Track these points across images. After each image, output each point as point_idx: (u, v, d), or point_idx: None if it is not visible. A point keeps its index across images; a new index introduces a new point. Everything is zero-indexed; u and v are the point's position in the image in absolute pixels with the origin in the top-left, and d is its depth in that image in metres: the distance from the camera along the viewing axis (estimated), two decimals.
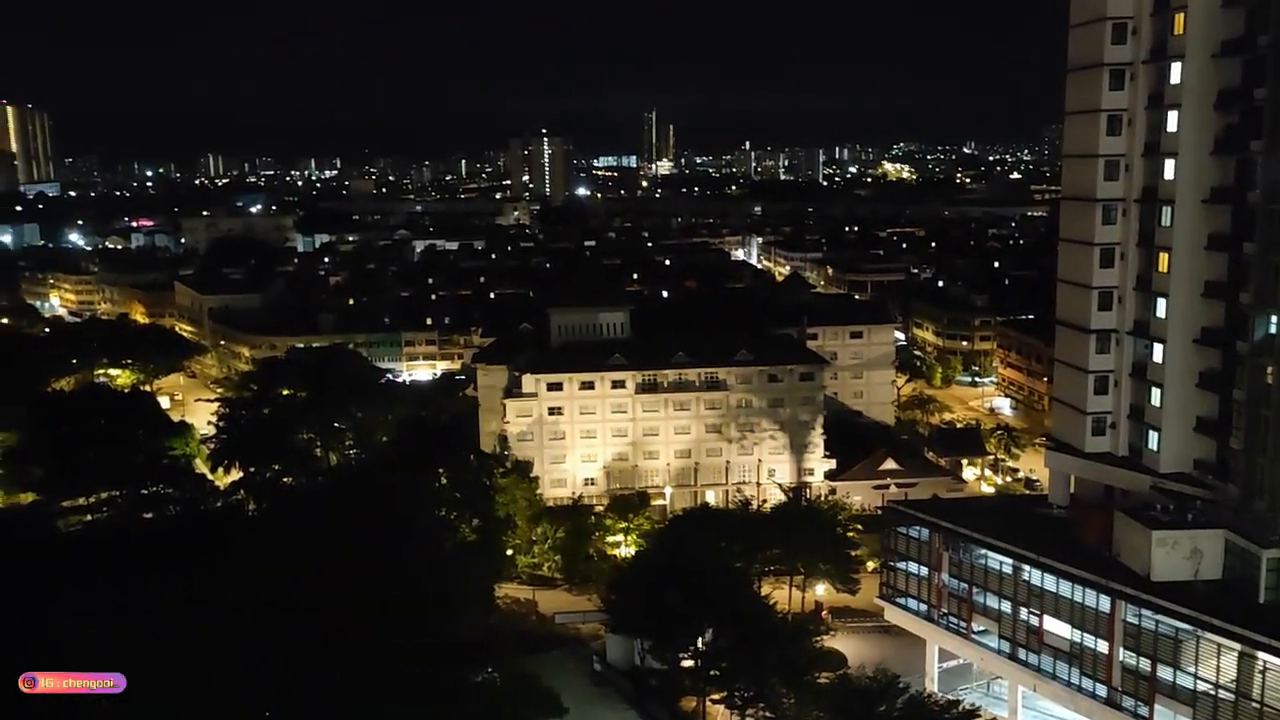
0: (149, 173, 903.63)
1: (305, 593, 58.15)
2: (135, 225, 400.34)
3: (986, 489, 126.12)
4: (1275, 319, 63.45)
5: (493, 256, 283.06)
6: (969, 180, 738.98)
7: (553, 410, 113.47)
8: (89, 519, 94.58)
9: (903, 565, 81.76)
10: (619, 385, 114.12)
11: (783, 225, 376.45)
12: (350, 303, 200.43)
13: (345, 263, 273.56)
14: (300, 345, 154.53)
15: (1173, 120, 70.19)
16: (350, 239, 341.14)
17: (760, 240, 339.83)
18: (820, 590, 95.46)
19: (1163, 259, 71.48)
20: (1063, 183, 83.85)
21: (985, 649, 75.37)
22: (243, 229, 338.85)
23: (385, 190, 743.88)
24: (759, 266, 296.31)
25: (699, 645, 74.95)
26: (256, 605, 57.11)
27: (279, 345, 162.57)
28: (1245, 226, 66.95)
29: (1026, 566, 71.35)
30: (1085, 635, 67.79)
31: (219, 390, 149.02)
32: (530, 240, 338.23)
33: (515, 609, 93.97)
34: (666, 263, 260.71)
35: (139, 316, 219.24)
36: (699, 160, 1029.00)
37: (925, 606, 79.83)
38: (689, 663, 75.50)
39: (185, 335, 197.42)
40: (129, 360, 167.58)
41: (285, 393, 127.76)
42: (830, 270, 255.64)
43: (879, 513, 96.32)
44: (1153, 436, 72.80)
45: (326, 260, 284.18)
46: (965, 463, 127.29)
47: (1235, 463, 67.34)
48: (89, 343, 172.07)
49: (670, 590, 73.34)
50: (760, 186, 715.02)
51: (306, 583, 59.20)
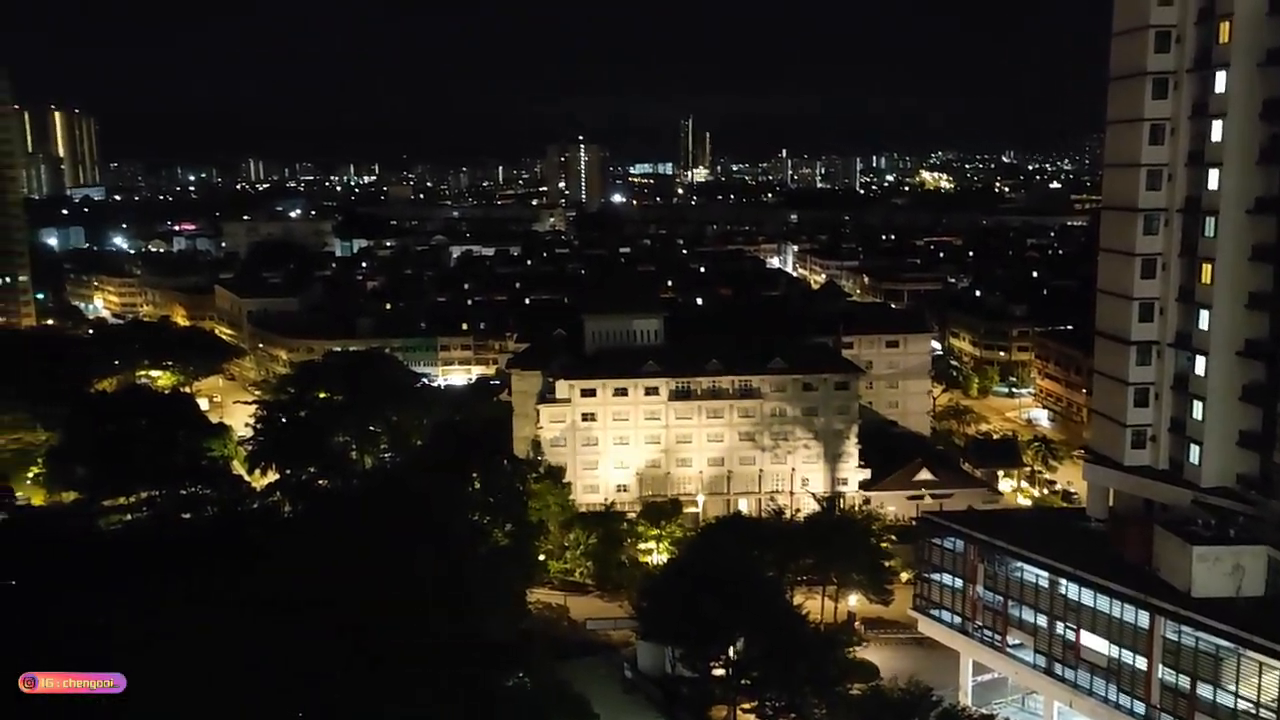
0: (191, 177, 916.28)
1: (339, 594, 58.63)
2: (177, 229, 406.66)
3: (1023, 501, 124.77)
4: None
5: (528, 262, 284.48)
6: (1008, 189, 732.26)
7: (586, 416, 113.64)
8: (129, 518, 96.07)
9: (937, 577, 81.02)
10: (652, 392, 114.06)
11: (819, 233, 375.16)
12: (387, 307, 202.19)
13: (383, 267, 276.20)
14: (337, 349, 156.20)
15: (1217, 130, 69.25)
16: (388, 244, 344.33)
17: (796, 248, 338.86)
18: (853, 601, 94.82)
19: (1206, 270, 70.42)
20: (1103, 192, 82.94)
21: (1020, 663, 74.48)
22: (282, 233, 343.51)
23: (423, 196, 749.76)
24: (794, 274, 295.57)
25: (730, 654, 74.73)
26: (289, 605, 57.65)
27: (316, 348, 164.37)
28: None
29: (1063, 580, 70.47)
30: (1123, 651, 66.79)
31: (257, 392, 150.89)
32: (566, 246, 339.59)
33: (547, 614, 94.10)
34: (701, 270, 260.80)
35: (180, 319, 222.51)
36: (735, 167, 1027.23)
37: (959, 619, 79.03)
38: (720, 671, 75.27)
39: (224, 338, 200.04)
40: (170, 362, 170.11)
41: (322, 395, 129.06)
42: (866, 279, 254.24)
43: (913, 523, 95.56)
44: (1194, 450, 71.66)
45: (364, 265, 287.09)
46: (1001, 474, 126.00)
47: (1279, 478, 66.13)
48: (131, 344, 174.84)
49: (702, 598, 73.14)
50: (796, 194, 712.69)
51: (340, 584, 59.68)
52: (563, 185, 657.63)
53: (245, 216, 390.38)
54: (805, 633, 76.06)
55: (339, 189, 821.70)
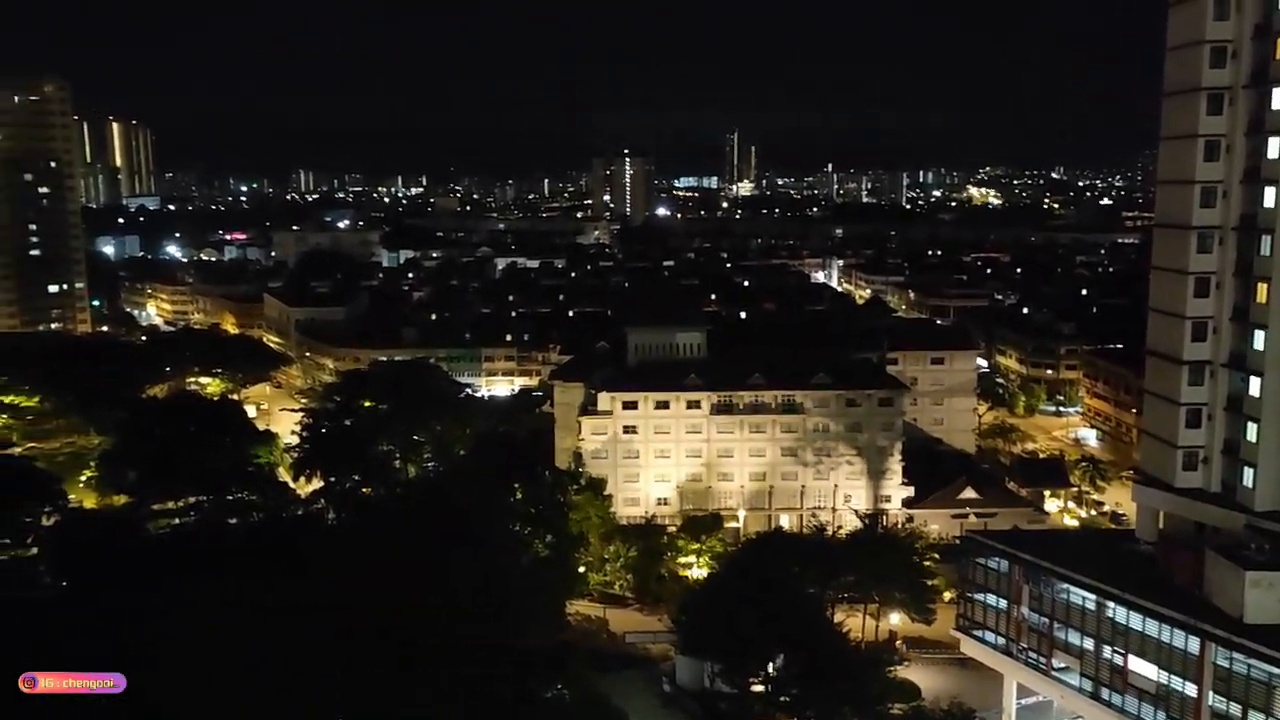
0: (243, 188, 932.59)
1: (381, 600, 59.11)
2: (229, 238, 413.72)
3: (1070, 522, 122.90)
4: None
5: (572, 275, 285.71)
6: (1057, 206, 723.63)
7: (628, 429, 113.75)
8: (176, 522, 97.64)
9: (981, 597, 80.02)
10: (694, 405, 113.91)
11: (864, 248, 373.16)
12: (432, 318, 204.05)
13: (429, 278, 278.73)
14: (383, 358, 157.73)
15: (1274, 147, 68.03)
16: (434, 255, 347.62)
17: (841, 263, 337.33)
18: (895, 619, 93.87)
19: (1261, 289, 69.13)
20: (1156, 209, 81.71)
21: (1066, 687, 73.29)
22: (330, 243, 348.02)
23: (469, 208, 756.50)
24: (839, 289, 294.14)
25: (770, 670, 74.29)
26: (331, 610, 58.22)
27: (362, 358, 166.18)
28: None
29: (1111, 603, 69.33)
30: (1172, 677, 65.60)
31: (303, 400, 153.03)
32: (610, 259, 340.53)
33: (586, 626, 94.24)
34: (745, 284, 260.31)
35: (229, 327, 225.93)
36: (780, 182, 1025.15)
37: (1004, 640, 77.97)
38: (759, 688, 74.85)
39: (272, 346, 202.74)
40: (219, 369, 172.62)
41: (367, 404, 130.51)
42: (912, 294, 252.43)
43: (957, 542, 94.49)
44: (1248, 473, 70.25)
45: (410, 275, 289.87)
46: (1048, 494, 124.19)
47: None
48: (182, 351, 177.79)
49: (742, 614, 72.87)
50: (842, 209, 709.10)
51: (382, 591, 60.18)
52: (608, 198, 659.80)
53: (295, 227, 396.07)
54: (846, 651, 75.50)
55: (387, 200, 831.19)
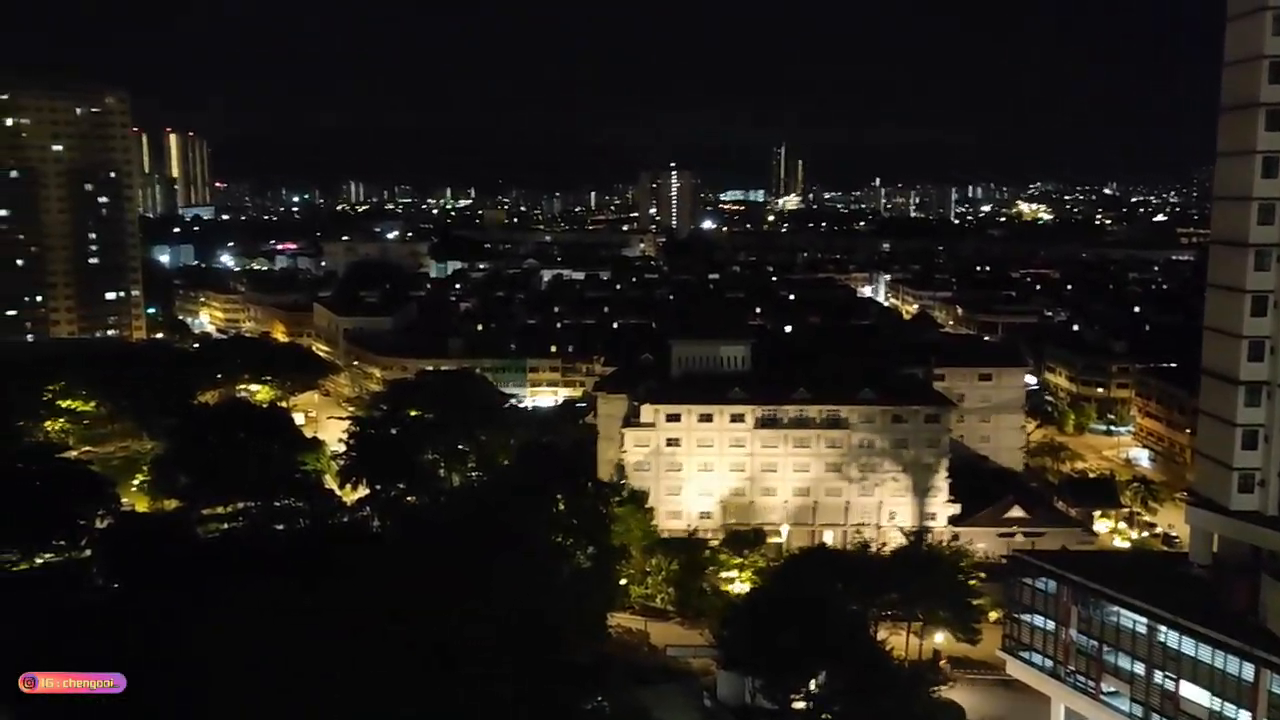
0: (295, 198, 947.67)
1: (423, 610, 59.54)
2: (280, 248, 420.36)
3: (1120, 543, 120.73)
4: None
5: (617, 287, 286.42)
6: (1110, 221, 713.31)
7: (670, 441, 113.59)
8: (225, 527, 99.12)
9: (1028, 618, 78.91)
10: (738, 419, 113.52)
11: (911, 263, 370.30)
12: (479, 328, 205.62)
13: (475, 289, 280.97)
14: (429, 368, 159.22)
15: None
16: (481, 266, 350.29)
17: (888, 277, 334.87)
18: (939, 639, 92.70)
19: None
20: (1212, 226, 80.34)
21: (1115, 711, 71.93)
22: (379, 254, 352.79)
23: (516, 220, 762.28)
24: (886, 304, 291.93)
25: (812, 687, 73.65)
26: (375, 619, 58.72)
27: (409, 367, 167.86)
28: None
29: (1163, 627, 67.98)
30: (1225, 704, 64.23)
31: (350, 409, 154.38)
32: (655, 272, 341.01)
33: (627, 639, 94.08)
34: (791, 297, 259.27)
35: (280, 335, 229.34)
36: (827, 195, 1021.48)
37: (1051, 662, 76.78)
38: (800, 704, 74.23)
39: (321, 355, 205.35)
40: (269, 377, 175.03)
41: (413, 413, 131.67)
42: (960, 310, 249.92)
43: (1003, 561, 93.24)
44: None
45: (458, 286, 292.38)
46: (1098, 515, 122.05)
47: None
48: (233, 359, 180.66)
49: (785, 629, 72.36)
50: (889, 223, 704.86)
51: (425, 600, 60.62)
52: (654, 211, 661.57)
53: (344, 237, 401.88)
54: (889, 669, 74.68)
55: (435, 212, 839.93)
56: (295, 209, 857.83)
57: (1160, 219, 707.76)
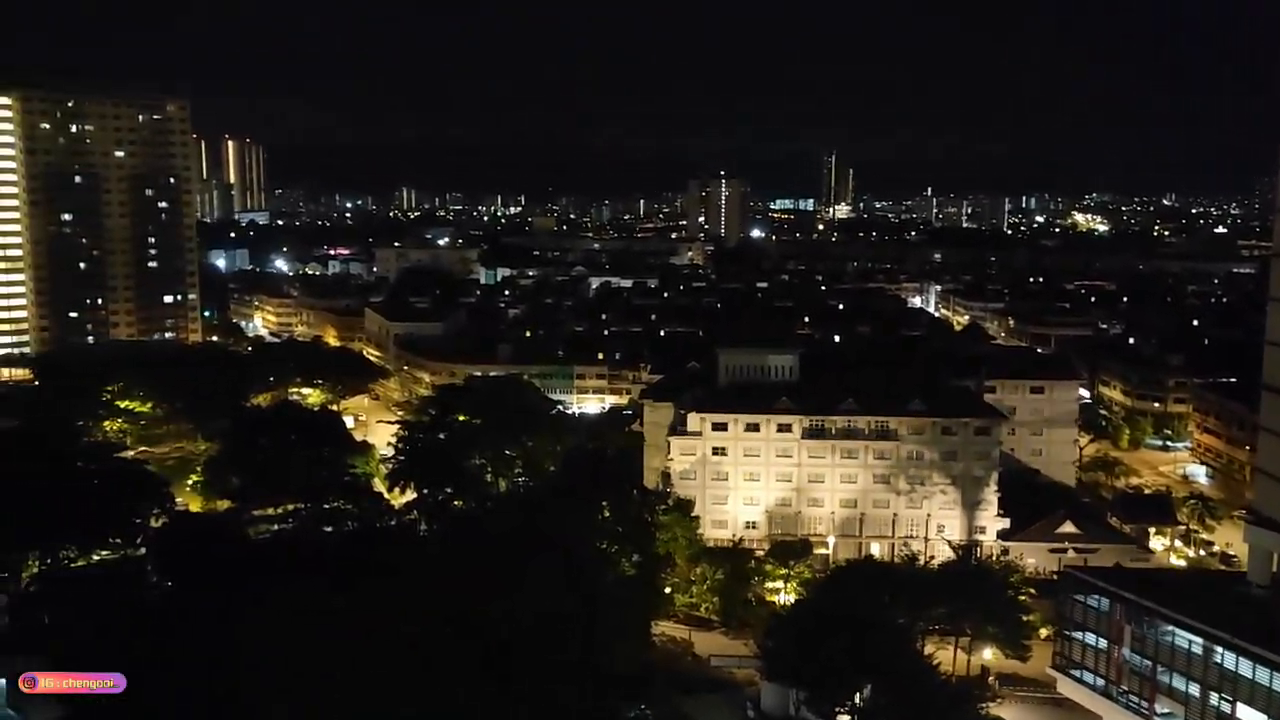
0: (348, 204, 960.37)
1: (469, 614, 59.86)
2: (333, 253, 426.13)
3: (1176, 561, 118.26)
4: None
5: (665, 295, 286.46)
6: (1168, 233, 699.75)
7: (717, 450, 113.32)
8: (276, 529, 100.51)
9: (1079, 635, 77.65)
10: (785, 429, 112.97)
11: (963, 273, 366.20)
12: (527, 335, 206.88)
13: (524, 296, 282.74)
14: (478, 373, 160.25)
15: None
16: (530, 273, 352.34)
17: (939, 288, 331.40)
18: (987, 654, 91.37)
19: None
20: (1274, 238, 78.54)
21: None
22: (430, 260, 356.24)
23: (566, 227, 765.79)
24: (936, 315, 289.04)
25: (857, 700, 72.95)
26: (421, 622, 59.15)
27: (458, 373, 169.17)
28: None
29: (1219, 648, 66.43)
30: None
31: (399, 413, 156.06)
32: (703, 280, 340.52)
33: (671, 647, 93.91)
34: (840, 307, 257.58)
35: (331, 339, 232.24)
36: (878, 205, 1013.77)
37: (1103, 681, 75.49)
38: (845, 718, 73.50)
39: (372, 359, 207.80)
40: (320, 380, 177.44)
41: (461, 418, 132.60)
42: (1011, 321, 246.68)
43: (1054, 577, 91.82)
44: None
45: (507, 293, 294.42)
46: (1153, 531, 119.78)
47: None
48: (285, 362, 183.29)
49: (830, 641, 71.78)
50: (940, 233, 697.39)
51: (471, 605, 60.95)
52: (702, 219, 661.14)
53: (396, 243, 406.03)
54: (936, 684, 73.73)
55: (486, 219, 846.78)
56: (349, 215, 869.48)
57: (1221, 231, 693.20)
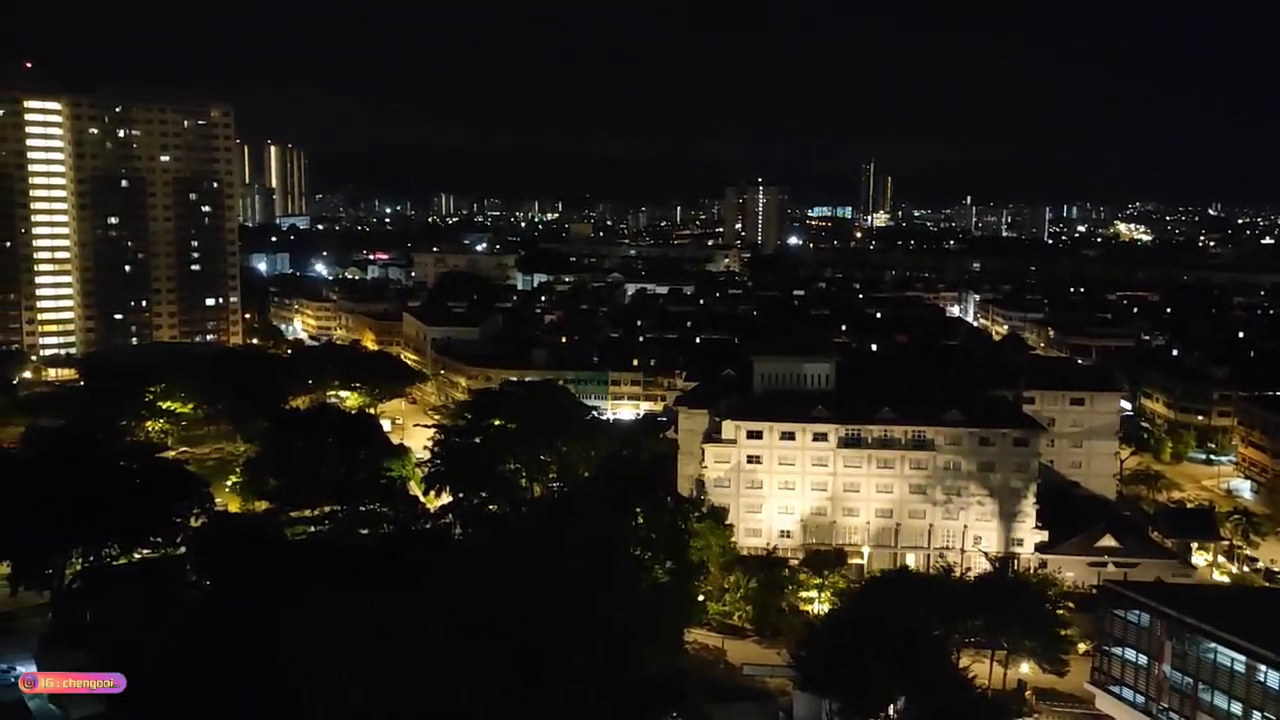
0: (388, 210, 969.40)
1: (503, 619, 60.02)
2: (372, 258, 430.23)
3: (1219, 577, 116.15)
4: None
5: (700, 302, 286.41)
6: (1213, 244, 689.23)
7: (751, 458, 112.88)
8: (313, 529, 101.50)
9: (1119, 651, 76.52)
10: (820, 438, 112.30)
11: (1002, 283, 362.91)
12: (562, 340, 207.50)
13: (560, 302, 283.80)
14: (513, 379, 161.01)
15: None
16: (566, 279, 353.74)
17: (978, 297, 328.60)
18: (1024, 668, 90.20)
19: None
20: None
21: None
22: (468, 265, 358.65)
23: (602, 234, 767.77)
24: (975, 324, 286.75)
25: (891, 712, 72.33)
26: (455, 626, 59.39)
27: (494, 378, 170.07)
28: None
29: (1264, 666, 65.13)
30: None
31: (436, 417, 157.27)
32: (739, 287, 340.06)
33: (704, 655, 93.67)
34: (877, 316, 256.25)
35: (369, 343, 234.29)
36: (917, 213, 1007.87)
37: (1143, 698, 74.25)
38: None
39: (409, 363, 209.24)
40: (358, 384, 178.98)
41: (496, 423, 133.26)
42: (1051, 332, 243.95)
43: (1094, 592, 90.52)
44: None
45: (543, 299, 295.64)
46: (1195, 547, 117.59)
47: None
48: (324, 365, 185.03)
49: (864, 652, 71.24)
50: (980, 242, 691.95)
51: (504, 609, 61.12)
52: (739, 226, 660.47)
53: (434, 248, 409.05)
54: (971, 697, 72.94)
55: (523, 225, 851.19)
56: (388, 220, 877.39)
57: (1268, 241, 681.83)
